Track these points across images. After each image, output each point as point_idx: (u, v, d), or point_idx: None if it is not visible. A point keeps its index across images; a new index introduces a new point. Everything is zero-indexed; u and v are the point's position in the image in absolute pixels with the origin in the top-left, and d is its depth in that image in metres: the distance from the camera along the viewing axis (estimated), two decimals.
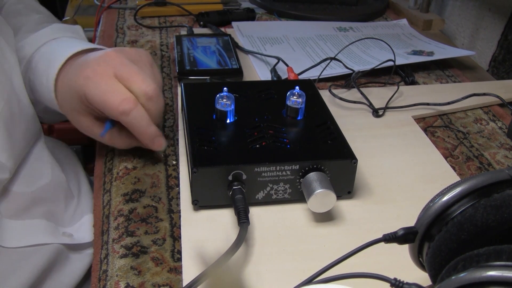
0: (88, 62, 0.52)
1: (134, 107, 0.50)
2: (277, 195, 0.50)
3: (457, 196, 0.34)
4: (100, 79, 0.50)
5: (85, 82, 0.50)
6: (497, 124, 0.67)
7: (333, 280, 0.35)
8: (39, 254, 0.57)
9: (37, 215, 0.59)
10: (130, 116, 0.50)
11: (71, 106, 0.54)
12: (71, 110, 0.54)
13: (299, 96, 0.54)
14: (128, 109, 0.49)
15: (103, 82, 0.50)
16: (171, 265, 0.44)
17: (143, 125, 0.51)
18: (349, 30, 0.94)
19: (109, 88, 0.50)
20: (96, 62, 0.52)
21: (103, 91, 0.50)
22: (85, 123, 0.54)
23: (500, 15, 0.91)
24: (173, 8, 0.97)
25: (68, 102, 0.54)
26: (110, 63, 0.51)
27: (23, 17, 0.66)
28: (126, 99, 0.49)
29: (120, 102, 0.49)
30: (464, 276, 0.28)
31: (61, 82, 0.54)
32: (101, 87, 0.50)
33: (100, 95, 0.50)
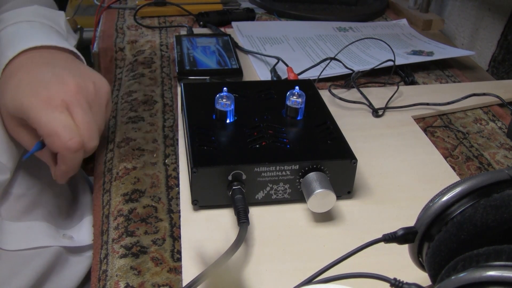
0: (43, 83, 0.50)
1: (80, 149, 0.50)
2: (277, 195, 0.50)
3: (456, 196, 0.34)
4: (52, 108, 0.49)
5: (34, 105, 0.49)
6: (497, 124, 0.67)
7: (332, 280, 0.35)
8: (39, 257, 0.57)
9: (37, 218, 0.59)
10: (71, 155, 0.50)
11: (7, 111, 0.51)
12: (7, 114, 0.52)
13: (298, 96, 0.54)
14: (75, 148, 0.49)
15: (56, 112, 0.49)
16: (171, 265, 0.44)
17: (74, 167, 0.52)
18: (348, 30, 0.94)
19: (62, 120, 0.49)
20: (52, 88, 0.50)
21: (54, 120, 0.48)
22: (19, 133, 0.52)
23: (499, 15, 0.91)
24: (173, 8, 0.97)
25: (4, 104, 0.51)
26: (67, 96, 0.50)
27: None
28: (76, 139, 0.49)
29: (70, 139, 0.48)
30: (463, 276, 0.28)
31: (7, 77, 0.52)
32: (52, 116, 0.48)
33: (50, 123, 0.48)
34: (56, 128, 0.48)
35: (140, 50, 0.83)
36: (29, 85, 0.50)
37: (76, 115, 0.50)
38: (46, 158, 0.54)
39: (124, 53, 0.82)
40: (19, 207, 0.57)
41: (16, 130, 0.52)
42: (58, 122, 0.48)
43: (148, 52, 0.82)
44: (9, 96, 0.50)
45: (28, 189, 0.58)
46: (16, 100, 0.50)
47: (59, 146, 0.49)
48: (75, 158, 0.50)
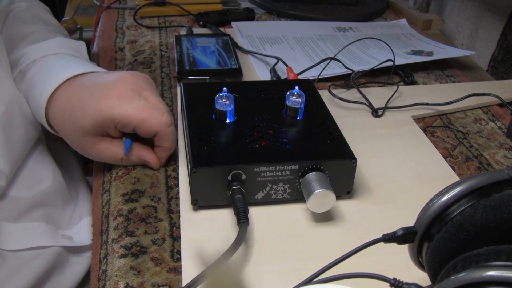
0: (109, 85, 0.52)
1: (173, 121, 0.53)
2: (277, 195, 0.50)
3: (456, 196, 0.34)
4: (130, 99, 0.51)
5: (112, 104, 0.50)
6: (497, 124, 0.67)
7: (332, 280, 0.35)
8: (39, 258, 0.57)
9: (36, 218, 0.59)
10: (170, 127, 0.53)
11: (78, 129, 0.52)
12: (78, 133, 0.52)
13: (298, 96, 0.54)
14: (170, 121, 0.52)
15: (135, 101, 0.51)
16: (171, 265, 0.44)
17: (174, 140, 0.55)
18: (348, 30, 0.94)
19: (144, 105, 0.51)
20: (119, 84, 0.52)
21: (140, 108, 0.51)
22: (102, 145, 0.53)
23: (499, 15, 0.91)
24: (172, 8, 0.97)
25: (71, 126, 0.52)
26: (133, 86, 0.53)
27: (27, 25, 0.65)
28: (166, 114, 0.52)
29: (162, 115, 0.52)
30: (463, 276, 0.28)
31: (57, 102, 0.53)
32: (135, 105, 0.51)
33: (138, 111, 0.51)
34: (146, 112, 0.51)
35: (140, 50, 0.83)
36: (94, 95, 0.52)
37: (150, 98, 0.53)
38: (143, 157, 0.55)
39: (124, 53, 0.82)
40: (17, 209, 0.57)
41: (96, 147, 0.53)
42: (144, 107, 0.51)
43: (148, 52, 0.82)
44: (79, 117, 0.51)
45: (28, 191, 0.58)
46: (92, 112, 0.51)
47: (157, 125, 0.51)
48: (172, 132, 0.53)
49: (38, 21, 0.68)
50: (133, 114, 0.50)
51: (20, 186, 0.58)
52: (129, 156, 0.54)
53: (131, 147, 0.54)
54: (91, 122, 0.51)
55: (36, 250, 0.57)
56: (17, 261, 0.55)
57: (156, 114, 0.51)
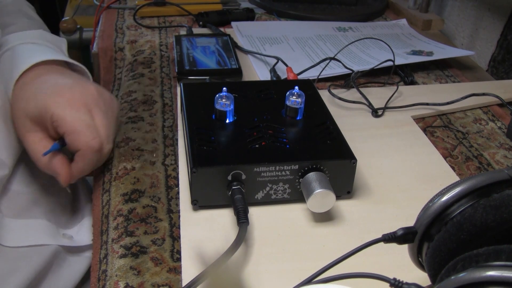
0: (67, 86, 0.53)
1: (100, 149, 0.52)
2: (277, 195, 0.50)
3: (456, 196, 0.34)
4: (77, 108, 0.51)
5: (59, 104, 0.51)
6: (497, 124, 0.67)
7: (332, 280, 0.35)
8: (38, 255, 0.57)
9: (38, 215, 0.59)
10: (91, 154, 0.52)
11: (25, 113, 0.53)
12: (23, 117, 0.53)
13: (298, 96, 0.54)
14: (97, 148, 0.52)
15: (80, 112, 0.51)
16: (171, 265, 0.44)
17: (91, 166, 0.54)
18: (348, 30, 0.94)
19: (86, 120, 0.51)
20: (75, 90, 0.53)
21: (79, 119, 0.51)
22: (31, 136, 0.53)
23: (499, 15, 0.91)
24: (172, 8, 0.97)
25: (22, 107, 0.53)
26: (89, 99, 0.53)
27: (11, 18, 0.67)
28: (98, 139, 0.52)
29: (93, 138, 0.51)
30: (463, 276, 0.28)
31: (22, 85, 0.54)
32: (77, 115, 0.51)
33: (75, 122, 0.51)
34: (80, 126, 0.51)
35: (140, 50, 0.83)
36: (52, 88, 0.53)
37: (97, 117, 0.53)
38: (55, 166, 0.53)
39: (124, 53, 0.82)
40: (19, 204, 0.57)
41: (28, 134, 0.53)
42: (82, 121, 0.51)
43: (148, 52, 0.82)
44: (30, 98, 0.52)
45: (28, 186, 0.59)
46: (40, 100, 0.51)
47: (82, 144, 0.51)
48: (94, 157, 0.53)
49: (22, 15, 0.69)
50: (68, 121, 0.51)
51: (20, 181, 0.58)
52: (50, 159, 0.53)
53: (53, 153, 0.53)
54: (35, 108, 0.52)
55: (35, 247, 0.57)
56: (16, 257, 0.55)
57: (88, 134, 0.51)
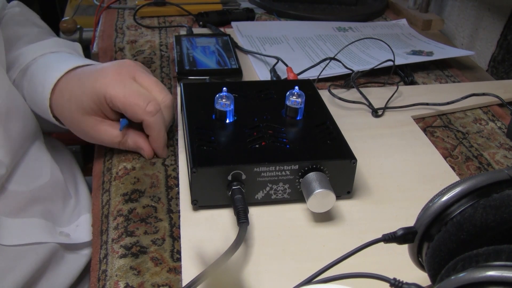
0: (106, 67, 0.55)
1: (159, 109, 0.54)
2: (277, 195, 0.50)
3: (456, 196, 0.34)
4: (123, 81, 0.54)
5: (106, 83, 0.53)
6: (497, 124, 0.67)
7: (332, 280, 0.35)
8: (35, 253, 0.57)
9: (35, 214, 0.59)
10: (155, 117, 0.54)
11: (78, 109, 0.54)
12: (78, 113, 0.55)
13: (298, 96, 0.54)
14: (154, 110, 0.53)
15: (127, 84, 0.54)
16: (171, 265, 0.44)
17: (162, 128, 0.55)
18: (348, 30, 0.94)
19: (135, 90, 0.53)
20: (115, 67, 0.55)
21: (129, 92, 0.53)
22: (101, 127, 0.55)
23: (499, 15, 0.91)
24: (172, 8, 0.97)
25: (72, 107, 0.55)
26: (130, 69, 0.56)
27: (22, 28, 0.67)
28: (153, 101, 0.54)
29: (147, 103, 0.53)
30: (463, 276, 0.28)
31: (58, 91, 0.56)
32: (126, 88, 0.53)
33: (126, 95, 0.53)
34: (132, 98, 0.53)
35: (140, 50, 0.83)
36: (93, 75, 0.55)
37: (143, 80, 0.55)
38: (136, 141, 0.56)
39: (124, 53, 0.82)
40: (16, 204, 0.57)
41: (97, 128, 0.55)
42: (133, 92, 0.53)
43: (148, 52, 0.82)
44: (79, 94, 0.54)
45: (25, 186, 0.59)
46: (88, 89, 0.53)
47: (141, 114, 0.53)
48: (158, 120, 0.54)
49: (31, 24, 0.70)
50: (121, 97, 0.53)
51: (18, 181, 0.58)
52: (125, 139, 0.56)
53: (127, 131, 0.56)
54: (88, 100, 0.54)
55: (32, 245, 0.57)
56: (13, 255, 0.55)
57: (142, 102, 0.53)
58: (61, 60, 0.60)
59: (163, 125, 0.55)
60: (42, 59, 0.60)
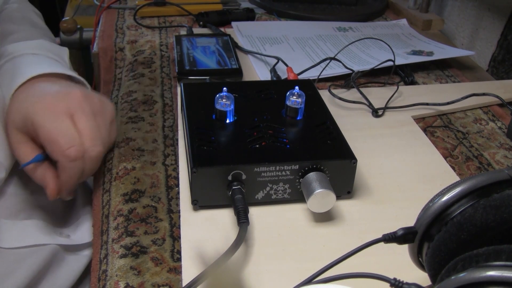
0: (50, 93, 0.52)
1: (79, 157, 0.50)
2: (277, 195, 0.50)
3: (456, 196, 0.34)
4: (56, 115, 0.50)
5: (38, 111, 0.50)
6: (497, 124, 0.67)
7: (332, 280, 0.35)
8: (35, 255, 0.57)
9: (34, 216, 0.59)
10: (72, 163, 0.50)
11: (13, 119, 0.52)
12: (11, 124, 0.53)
13: (298, 96, 0.54)
14: (74, 156, 0.50)
15: (58, 119, 0.50)
16: (171, 265, 0.44)
17: (74, 176, 0.52)
18: (348, 30, 0.94)
19: (63, 128, 0.50)
20: (58, 97, 0.52)
21: (55, 128, 0.50)
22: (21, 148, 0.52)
23: (499, 15, 0.91)
24: (172, 8, 0.97)
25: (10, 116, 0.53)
26: (72, 104, 0.51)
27: (15, 25, 0.66)
28: (76, 147, 0.50)
29: (69, 147, 0.49)
30: (463, 276, 0.28)
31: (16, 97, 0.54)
32: (54, 123, 0.50)
33: (51, 130, 0.49)
34: (57, 135, 0.49)
35: (140, 50, 0.83)
36: (35, 96, 0.52)
37: (79, 122, 0.51)
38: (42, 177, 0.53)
39: (124, 53, 0.82)
40: (15, 206, 0.57)
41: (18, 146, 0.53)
42: (59, 130, 0.50)
43: (148, 52, 0.82)
44: (16, 108, 0.52)
45: (24, 188, 0.58)
46: (22, 109, 0.51)
47: (58, 154, 0.50)
48: (74, 167, 0.51)
49: (25, 22, 0.69)
50: (46, 129, 0.49)
51: (17, 183, 0.58)
52: (35, 169, 0.53)
53: (40, 163, 0.53)
54: (20, 117, 0.51)
55: (33, 248, 0.57)
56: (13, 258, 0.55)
57: (64, 143, 0.49)
58: (32, 64, 0.58)
59: (77, 174, 0.52)
60: (18, 59, 0.59)
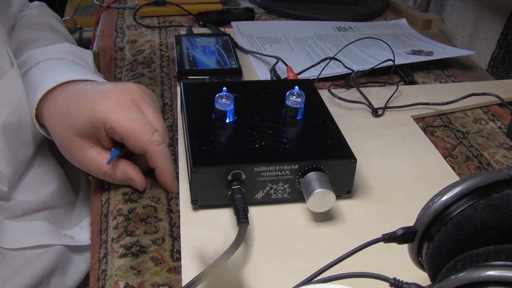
0: (109, 90, 0.51)
1: (164, 141, 0.50)
2: (277, 194, 0.50)
3: (456, 196, 0.34)
4: (127, 107, 0.49)
5: (108, 108, 0.49)
6: (497, 124, 0.67)
7: (332, 280, 0.35)
8: (43, 256, 0.57)
9: (39, 218, 0.59)
10: (161, 146, 0.50)
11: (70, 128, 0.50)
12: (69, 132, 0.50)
13: (298, 96, 0.54)
14: (160, 139, 0.50)
15: (132, 111, 0.49)
16: (171, 265, 0.44)
17: (169, 159, 0.51)
18: (348, 30, 0.94)
19: (140, 117, 0.50)
20: (119, 90, 0.51)
21: (133, 120, 0.49)
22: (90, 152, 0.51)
23: (499, 15, 0.91)
24: (172, 7, 0.97)
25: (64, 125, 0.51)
26: (135, 96, 0.51)
27: (36, 32, 0.65)
28: (158, 132, 0.50)
29: (153, 134, 0.49)
30: (463, 275, 0.28)
31: (53, 102, 0.52)
32: (130, 115, 0.49)
33: (131, 122, 0.49)
34: (138, 125, 0.49)
35: (140, 49, 0.83)
36: (94, 95, 0.50)
37: (148, 112, 0.51)
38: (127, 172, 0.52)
39: (124, 53, 0.82)
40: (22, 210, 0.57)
41: (85, 153, 0.51)
42: (138, 120, 0.49)
43: (148, 52, 0.82)
44: (74, 113, 0.50)
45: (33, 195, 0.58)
46: (86, 111, 0.49)
47: (145, 143, 0.49)
48: (163, 151, 0.50)
49: (47, 28, 0.68)
50: (125, 123, 0.48)
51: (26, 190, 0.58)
52: (113, 170, 0.51)
53: (117, 161, 0.51)
54: (84, 121, 0.49)
55: (40, 249, 0.57)
56: (19, 260, 0.55)
57: (147, 130, 0.49)
58: (61, 68, 0.56)
59: (169, 156, 0.51)
60: (44, 64, 0.57)
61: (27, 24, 0.67)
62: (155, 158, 0.50)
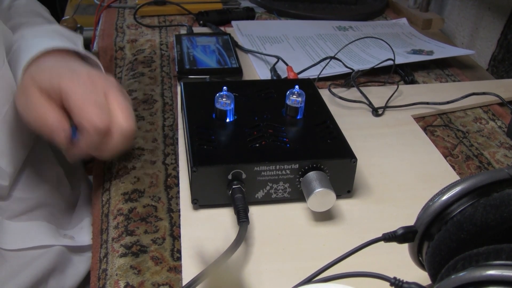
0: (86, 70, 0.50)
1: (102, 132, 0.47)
2: (277, 194, 0.50)
3: (456, 195, 0.34)
4: (92, 89, 0.48)
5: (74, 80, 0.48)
6: (497, 123, 0.67)
7: (332, 279, 0.35)
8: (42, 257, 0.57)
9: (38, 218, 0.59)
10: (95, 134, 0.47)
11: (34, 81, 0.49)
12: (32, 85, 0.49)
13: (298, 95, 0.54)
14: (100, 127, 0.47)
15: (94, 93, 0.48)
16: (171, 264, 0.44)
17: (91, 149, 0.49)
18: (348, 29, 0.94)
19: (97, 100, 0.48)
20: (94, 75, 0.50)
21: (89, 98, 0.47)
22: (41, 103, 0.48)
23: (499, 14, 0.91)
24: (172, 7, 0.97)
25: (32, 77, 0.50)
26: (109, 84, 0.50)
27: (25, 18, 0.65)
28: (105, 120, 0.47)
29: (99, 117, 0.47)
30: (463, 275, 0.28)
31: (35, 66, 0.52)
32: (89, 94, 0.48)
33: (85, 98, 0.47)
34: (88, 102, 0.47)
35: (140, 49, 0.83)
36: (69, 69, 0.50)
37: (116, 99, 0.49)
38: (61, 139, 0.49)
39: (124, 52, 0.82)
40: (20, 209, 0.57)
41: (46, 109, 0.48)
42: (92, 99, 0.47)
43: (148, 51, 0.82)
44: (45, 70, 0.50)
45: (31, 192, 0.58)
46: (54, 74, 0.49)
47: (85, 121, 0.47)
48: (96, 138, 0.48)
49: (35, 15, 0.68)
50: (78, 94, 0.47)
51: (24, 187, 0.58)
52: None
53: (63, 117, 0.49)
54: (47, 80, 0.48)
55: (39, 250, 0.57)
56: (19, 261, 0.55)
57: (95, 111, 0.47)
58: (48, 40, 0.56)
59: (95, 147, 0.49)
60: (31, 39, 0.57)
61: (16, 13, 0.67)
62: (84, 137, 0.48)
